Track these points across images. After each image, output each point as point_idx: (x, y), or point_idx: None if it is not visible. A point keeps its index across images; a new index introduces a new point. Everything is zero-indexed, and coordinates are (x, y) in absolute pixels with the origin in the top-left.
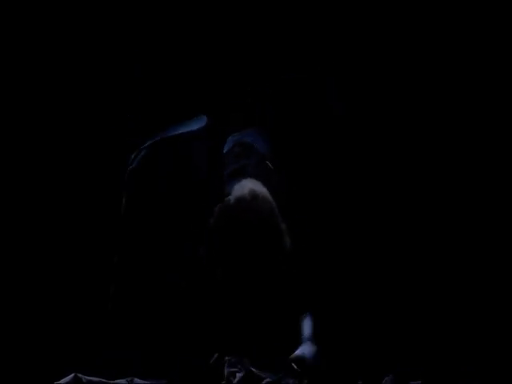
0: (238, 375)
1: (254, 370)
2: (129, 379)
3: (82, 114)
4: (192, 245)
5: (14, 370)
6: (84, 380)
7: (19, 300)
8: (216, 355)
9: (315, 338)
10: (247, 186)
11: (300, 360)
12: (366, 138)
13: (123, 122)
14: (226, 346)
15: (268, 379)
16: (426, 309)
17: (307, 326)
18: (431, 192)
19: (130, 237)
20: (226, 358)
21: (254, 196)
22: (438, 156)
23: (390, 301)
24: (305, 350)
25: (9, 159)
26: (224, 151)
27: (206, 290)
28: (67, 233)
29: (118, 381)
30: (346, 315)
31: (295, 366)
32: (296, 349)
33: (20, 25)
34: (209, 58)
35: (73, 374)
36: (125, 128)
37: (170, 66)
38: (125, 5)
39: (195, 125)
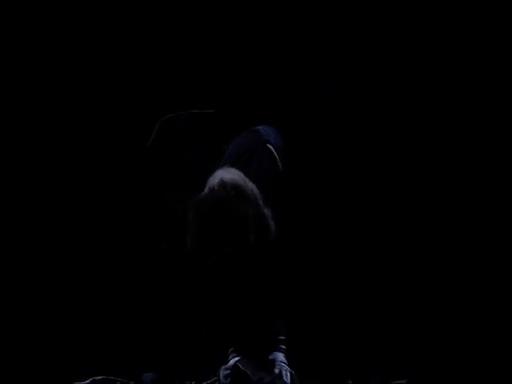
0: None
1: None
2: None
3: (82, 114)
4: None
5: (14, 370)
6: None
7: (20, 302)
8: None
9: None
10: (218, 176)
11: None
12: (366, 138)
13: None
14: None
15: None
16: (426, 309)
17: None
18: (430, 192)
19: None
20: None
21: (222, 185)
22: (437, 156)
23: (390, 301)
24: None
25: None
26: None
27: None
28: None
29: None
30: (345, 315)
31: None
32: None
33: (22, 25)
34: (209, 59)
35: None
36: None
37: (170, 66)
38: (125, 5)
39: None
